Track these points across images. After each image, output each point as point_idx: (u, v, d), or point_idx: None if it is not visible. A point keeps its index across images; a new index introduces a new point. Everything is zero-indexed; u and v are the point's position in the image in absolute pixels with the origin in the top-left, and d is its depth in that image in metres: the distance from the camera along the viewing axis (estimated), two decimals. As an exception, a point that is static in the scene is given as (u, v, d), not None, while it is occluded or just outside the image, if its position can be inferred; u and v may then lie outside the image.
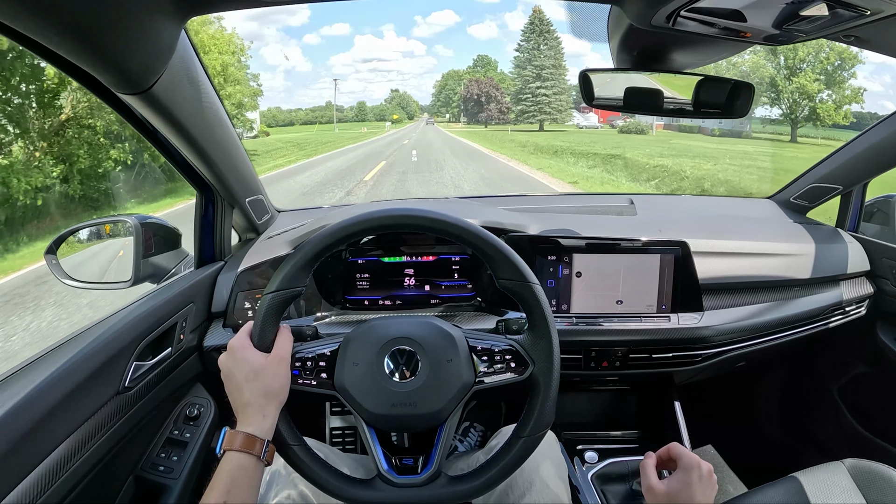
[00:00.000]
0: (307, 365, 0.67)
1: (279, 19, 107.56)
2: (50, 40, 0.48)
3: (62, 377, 0.65)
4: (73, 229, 0.99)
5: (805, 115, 20.28)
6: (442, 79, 78.83)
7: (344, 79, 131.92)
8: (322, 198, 9.24)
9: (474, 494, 0.66)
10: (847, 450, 1.22)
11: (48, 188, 7.49)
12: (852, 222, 1.23)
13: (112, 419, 0.74)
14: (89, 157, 8.32)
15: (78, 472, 0.68)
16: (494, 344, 0.68)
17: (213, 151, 0.85)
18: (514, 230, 1.05)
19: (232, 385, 0.62)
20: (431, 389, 0.65)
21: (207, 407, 0.97)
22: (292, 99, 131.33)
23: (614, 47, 0.78)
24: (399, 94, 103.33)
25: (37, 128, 7.92)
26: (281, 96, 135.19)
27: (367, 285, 1.07)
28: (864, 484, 0.80)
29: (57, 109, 8.13)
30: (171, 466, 0.87)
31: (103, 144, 8.55)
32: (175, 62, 0.63)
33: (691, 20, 0.60)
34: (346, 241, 0.66)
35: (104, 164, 8.52)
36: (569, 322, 1.00)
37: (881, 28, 0.65)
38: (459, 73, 76.02)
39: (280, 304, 0.65)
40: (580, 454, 1.08)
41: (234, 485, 0.56)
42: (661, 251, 0.99)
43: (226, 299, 1.00)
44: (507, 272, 0.67)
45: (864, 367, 1.24)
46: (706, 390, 1.39)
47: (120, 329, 0.77)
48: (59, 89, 7.90)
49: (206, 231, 1.03)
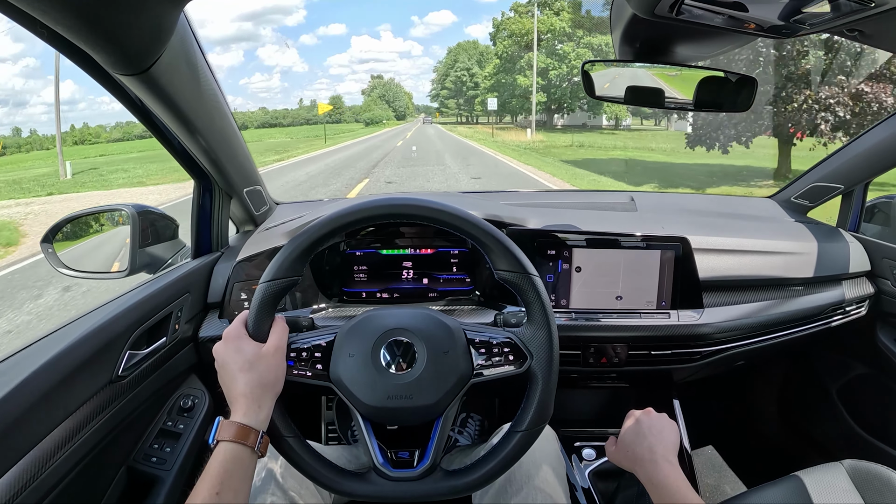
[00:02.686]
0: (302, 356, 0.66)
1: (275, 19, 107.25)
2: (47, 16, 0.47)
3: (55, 364, 0.64)
4: (69, 217, 0.98)
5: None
6: (448, 56, 52.37)
7: (341, 79, 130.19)
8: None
9: (471, 489, 0.65)
10: (846, 451, 1.21)
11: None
12: (853, 222, 1.22)
13: (105, 408, 0.73)
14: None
15: (69, 461, 0.67)
16: (493, 336, 0.67)
17: (211, 139, 0.84)
18: (514, 224, 1.04)
19: (226, 375, 0.61)
20: (428, 382, 0.64)
21: (202, 398, 0.96)
22: (289, 100, 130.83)
23: (617, 38, 0.77)
24: (382, 82, 71.83)
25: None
26: (279, 97, 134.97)
27: (364, 277, 1.06)
28: (863, 485, 0.79)
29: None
30: (163, 458, 0.86)
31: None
32: (174, 44, 0.62)
33: (696, 9, 0.60)
34: (343, 230, 0.65)
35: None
36: (567, 317, 0.99)
37: (886, 22, 0.65)
38: (477, 46, 50.15)
39: (276, 293, 0.64)
40: (578, 451, 1.08)
41: (228, 476, 0.55)
42: (662, 247, 0.98)
43: (222, 290, 1.00)
44: (505, 263, 0.66)
45: (863, 367, 1.23)
46: (705, 389, 1.39)
47: (114, 317, 0.76)
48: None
49: (203, 221, 1.02)
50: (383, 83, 71.79)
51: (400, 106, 70.19)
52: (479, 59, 48.89)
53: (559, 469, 0.82)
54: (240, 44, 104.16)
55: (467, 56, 50.23)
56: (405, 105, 71.26)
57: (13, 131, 59.85)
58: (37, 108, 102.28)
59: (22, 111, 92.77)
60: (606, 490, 1.01)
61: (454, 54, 51.39)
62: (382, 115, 63.29)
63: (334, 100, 72.86)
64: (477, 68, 48.36)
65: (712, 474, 1.51)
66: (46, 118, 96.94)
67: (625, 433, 0.78)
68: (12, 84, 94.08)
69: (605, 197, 1.35)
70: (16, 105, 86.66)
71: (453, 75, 51.51)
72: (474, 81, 48.12)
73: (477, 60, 49.56)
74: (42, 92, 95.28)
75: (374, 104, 66.77)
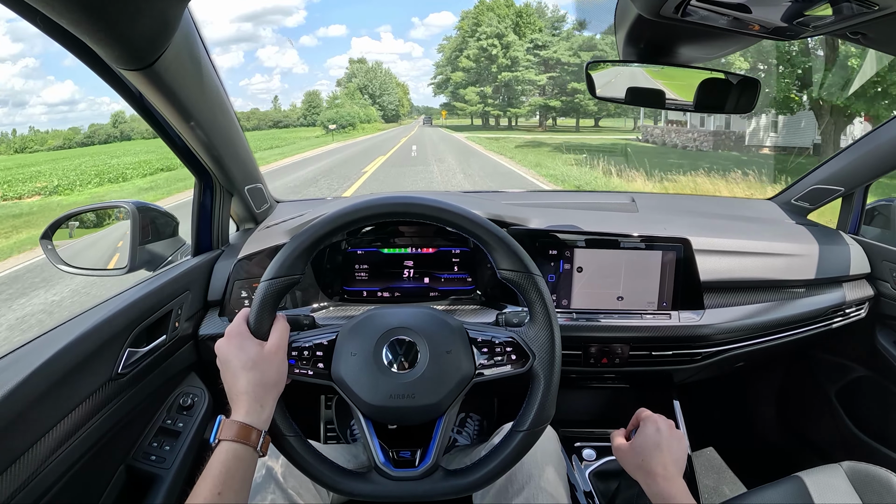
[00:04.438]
0: (304, 355, 0.65)
1: (275, 20, 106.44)
2: (52, 9, 0.47)
3: (55, 361, 0.64)
4: (69, 214, 0.97)
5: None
6: (463, 22, 31.74)
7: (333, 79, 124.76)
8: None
9: (472, 488, 0.65)
10: (844, 453, 1.21)
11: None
12: (853, 225, 1.23)
13: (104, 406, 0.73)
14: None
15: (68, 458, 0.66)
16: (495, 336, 0.67)
17: (213, 136, 0.84)
18: (516, 224, 1.04)
19: (228, 373, 0.61)
20: (430, 381, 0.64)
21: (201, 397, 0.95)
22: (288, 102, 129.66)
23: (621, 39, 0.77)
24: (365, 68, 48.64)
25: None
26: (280, 98, 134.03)
27: (365, 276, 1.06)
28: (862, 487, 0.80)
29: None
30: (163, 456, 0.85)
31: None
32: (178, 39, 0.62)
33: (701, 10, 0.60)
34: (345, 229, 0.65)
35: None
36: (569, 317, 0.99)
37: (889, 25, 0.65)
38: (512, 3, 30.61)
39: (277, 291, 0.64)
40: (578, 451, 1.08)
41: (229, 475, 0.55)
42: (663, 248, 0.98)
43: (222, 288, 0.99)
44: (508, 263, 0.66)
45: (862, 369, 1.24)
46: (705, 391, 1.39)
47: (114, 314, 0.75)
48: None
49: (203, 219, 1.02)
50: (366, 69, 48.84)
51: (390, 102, 48.95)
52: (517, 24, 29.70)
53: (560, 469, 0.82)
54: (240, 45, 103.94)
55: (497, 18, 29.38)
56: (397, 101, 49.57)
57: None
58: (36, 108, 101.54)
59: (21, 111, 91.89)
60: (607, 490, 1.01)
61: (474, 17, 30.73)
62: (360, 115, 40.29)
63: (310, 96, 52.25)
64: (513, 36, 28.97)
65: (712, 475, 1.51)
66: (46, 118, 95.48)
67: (641, 440, 0.74)
68: (11, 84, 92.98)
69: (606, 197, 1.35)
70: (15, 106, 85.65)
71: (474, 46, 29.55)
72: (512, 56, 28.74)
73: (513, 25, 29.42)
74: (42, 92, 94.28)
75: (350, 99, 45.01)
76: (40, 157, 35.45)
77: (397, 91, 47.59)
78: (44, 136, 55.29)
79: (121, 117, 53.74)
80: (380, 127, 40.36)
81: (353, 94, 45.46)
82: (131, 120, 50.36)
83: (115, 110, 60.27)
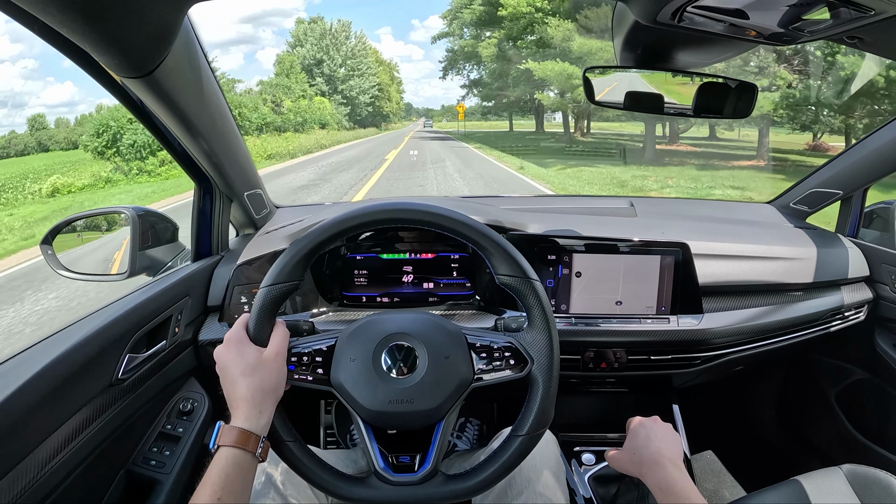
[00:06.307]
0: (303, 360, 0.66)
1: (274, 22, 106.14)
2: (52, 18, 0.47)
3: (54, 366, 0.64)
4: (69, 219, 0.98)
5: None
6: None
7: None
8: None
9: (472, 493, 0.65)
10: (844, 455, 1.21)
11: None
12: (852, 228, 1.23)
13: (104, 411, 0.73)
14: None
15: (68, 464, 0.66)
16: (493, 341, 0.67)
17: (213, 142, 0.84)
18: (514, 229, 1.04)
19: (228, 379, 0.61)
20: (429, 386, 0.64)
21: (201, 402, 0.95)
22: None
23: (618, 45, 0.77)
24: (321, 29, 27.22)
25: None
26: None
27: (364, 282, 1.06)
28: (862, 490, 0.80)
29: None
30: (163, 461, 0.85)
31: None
32: (178, 47, 0.62)
33: (697, 17, 0.60)
34: (344, 235, 0.66)
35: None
36: (567, 322, 0.99)
37: (885, 29, 0.65)
38: None
39: (276, 297, 0.64)
40: (577, 456, 1.08)
41: (228, 481, 0.55)
42: (662, 253, 0.98)
43: (222, 294, 0.99)
44: (506, 268, 0.66)
45: (861, 372, 1.24)
46: (705, 394, 1.39)
47: (114, 320, 0.75)
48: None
49: (203, 224, 1.02)
50: (320, 31, 27.66)
51: (364, 91, 29.43)
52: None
53: (559, 473, 0.82)
54: (239, 46, 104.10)
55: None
56: (378, 90, 30.41)
57: None
58: (36, 109, 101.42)
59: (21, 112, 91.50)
60: (606, 495, 1.01)
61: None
62: (290, 118, 21.50)
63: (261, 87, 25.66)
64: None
65: (711, 479, 1.51)
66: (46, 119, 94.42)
67: (631, 438, 0.77)
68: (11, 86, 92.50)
69: (604, 202, 1.35)
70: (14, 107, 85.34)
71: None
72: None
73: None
74: (41, 93, 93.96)
75: (281, 90, 23.44)
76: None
77: (379, 73, 28.56)
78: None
79: (39, 122, 39.32)
80: (337, 137, 22.19)
81: (298, 78, 25.03)
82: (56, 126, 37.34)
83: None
